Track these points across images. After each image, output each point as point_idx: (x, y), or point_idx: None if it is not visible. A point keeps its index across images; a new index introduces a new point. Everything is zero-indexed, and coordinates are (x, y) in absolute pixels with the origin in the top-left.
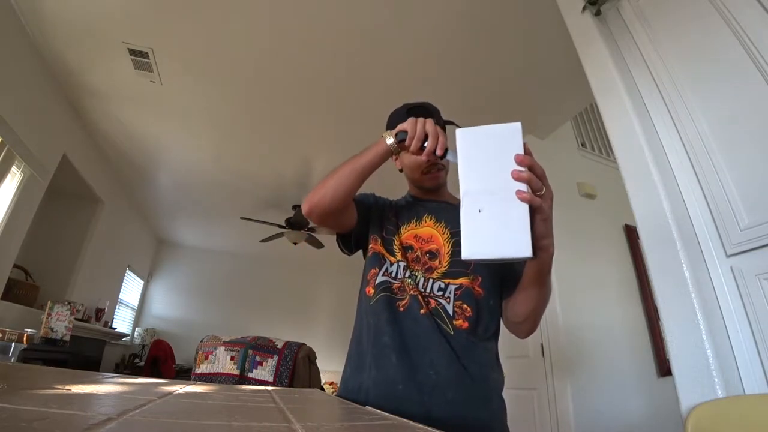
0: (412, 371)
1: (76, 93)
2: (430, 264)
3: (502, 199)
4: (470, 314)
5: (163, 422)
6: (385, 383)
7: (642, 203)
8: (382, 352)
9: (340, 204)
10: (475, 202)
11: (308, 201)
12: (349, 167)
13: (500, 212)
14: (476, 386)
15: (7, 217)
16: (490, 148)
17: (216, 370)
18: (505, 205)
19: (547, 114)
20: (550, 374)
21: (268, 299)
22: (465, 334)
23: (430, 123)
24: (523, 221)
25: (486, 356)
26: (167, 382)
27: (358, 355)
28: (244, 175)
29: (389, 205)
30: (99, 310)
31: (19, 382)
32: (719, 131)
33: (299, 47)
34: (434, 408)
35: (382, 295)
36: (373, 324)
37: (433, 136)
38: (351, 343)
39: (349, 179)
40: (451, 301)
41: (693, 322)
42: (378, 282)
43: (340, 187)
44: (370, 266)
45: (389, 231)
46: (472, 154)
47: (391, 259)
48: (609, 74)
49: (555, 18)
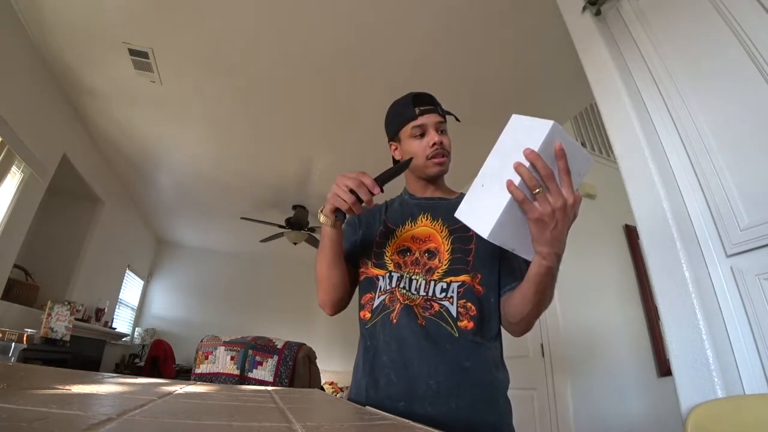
0: (411, 385)
1: (76, 93)
2: (430, 264)
3: (500, 183)
4: (475, 313)
5: (163, 422)
6: (388, 402)
7: (642, 203)
8: (381, 372)
9: (341, 291)
10: (483, 178)
11: (320, 301)
12: (322, 263)
13: (491, 193)
14: (481, 389)
15: (7, 217)
16: (520, 137)
17: (216, 370)
18: (497, 189)
19: (547, 114)
20: (550, 374)
21: (268, 299)
22: (470, 335)
23: (343, 179)
24: (498, 207)
25: (491, 356)
26: (167, 382)
27: (359, 377)
28: (244, 175)
29: (379, 213)
30: (99, 310)
31: (19, 382)
32: (719, 131)
33: (299, 47)
34: (440, 417)
35: (379, 318)
36: (371, 346)
37: (357, 186)
38: (355, 366)
39: (331, 270)
40: (455, 301)
41: (693, 322)
42: (375, 306)
43: (329, 281)
44: (365, 291)
45: (379, 245)
46: (508, 138)
47: (382, 274)
48: (609, 74)
49: (555, 18)
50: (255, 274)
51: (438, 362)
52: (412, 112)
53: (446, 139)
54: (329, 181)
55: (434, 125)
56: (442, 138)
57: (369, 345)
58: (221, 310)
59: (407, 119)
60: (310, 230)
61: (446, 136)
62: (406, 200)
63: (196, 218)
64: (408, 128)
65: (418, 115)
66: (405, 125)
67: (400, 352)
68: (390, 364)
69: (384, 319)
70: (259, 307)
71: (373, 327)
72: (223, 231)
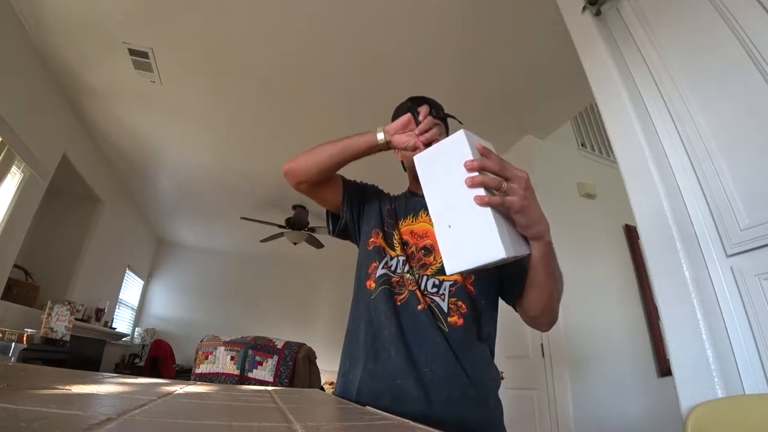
0: (410, 366)
1: (76, 93)
2: (425, 260)
3: (465, 210)
4: (465, 311)
5: (163, 422)
6: (384, 377)
7: (642, 203)
8: (382, 346)
9: (313, 176)
10: (444, 219)
11: (287, 164)
12: (333, 145)
13: (466, 223)
14: (472, 385)
15: (7, 217)
16: (445, 163)
17: (216, 370)
18: (468, 215)
19: (547, 114)
20: (550, 374)
21: (268, 299)
22: (461, 331)
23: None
24: (488, 225)
25: (481, 355)
26: (167, 382)
27: (356, 349)
28: (244, 175)
29: (391, 199)
30: (99, 310)
31: (19, 382)
32: (719, 131)
33: (299, 46)
34: (431, 405)
35: (381, 289)
36: (374, 318)
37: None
38: (347, 338)
39: (328, 155)
40: (446, 298)
41: (693, 322)
42: (378, 275)
43: (316, 159)
44: (371, 260)
45: (390, 225)
46: (432, 174)
47: (392, 253)
48: (609, 74)
49: (555, 18)
50: (255, 274)
51: (433, 351)
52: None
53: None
54: None
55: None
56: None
57: (373, 317)
58: (221, 310)
59: None
60: (310, 230)
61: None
62: (409, 198)
63: (196, 218)
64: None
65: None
66: None
67: (401, 331)
68: (391, 339)
69: (388, 296)
70: (259, 307)
71: (377, 297)
72: (223, 231)
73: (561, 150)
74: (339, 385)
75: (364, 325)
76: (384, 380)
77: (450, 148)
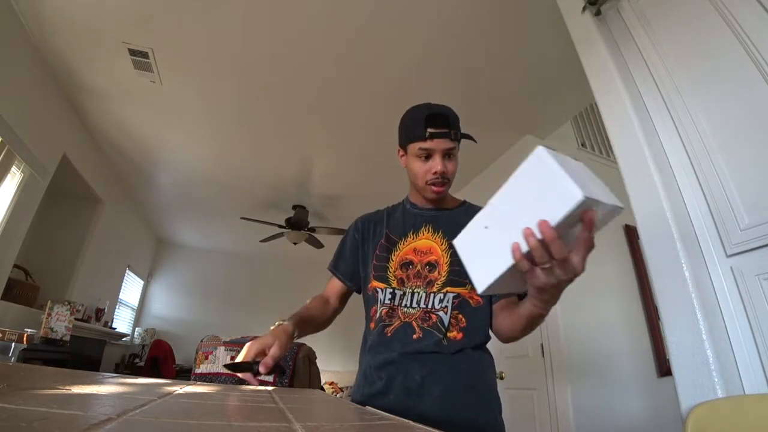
0: (399, 378)
1: (76, 93)
2: (430, 276)
3: (505, 235)
4: (464, 325)
5: (163, 422)
6: (379, 396)
7: (642, 203)
8: (375, 374)
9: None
10: (490, 217)
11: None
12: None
13: (493, 243)
14: (468, 384)
15: (7, 217)
16: (539, 187)
17: (216, 370)
18: (501, 242)
19: (547, 114)
20: (550, 374)
21: (268, 299)
22: (458, 344)
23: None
24: (498, 268)
25: (477, 360)
26: (167, 382)
27: (360, 376)
28: (244, 175)
29: (381, 223)
30: (99, 310)
31: (19, 382)
32: (719, 131)
33: (299, 47)
34: (425, 405)
35: (379, 326)
36: (370, 348)
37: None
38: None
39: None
40: (449, 311)
41: (693, 322)
42: (378, 317)
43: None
44: (371, 304)
45: (380, 258)
46: (525, 178)
47: (382, 287)
48: (609, 74)
49: (555, 18)
50: (255, 274)
51: (427, 361)
52: (422, 133)
53: (452, 166)
54: (329, 180)
55: (442, 152)
56: (446, 166)
57: (368, 348)
58: (221, 310)
59: (416, 138)
60: (310, 230)
61: (453, 162)
62: (408, 209)
63: (196, 218)
64: (415, 147)
65: (428, 138)
66: (413, 142)
67: (391, 358)
68: (383, 365)
69: (381, 330)
70: (259, 307)
71: (376, 334)
72: (223, 231)
73: (561, 150)
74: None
75: (362, 355)
76: (380, 399)
77: (556, 186)
